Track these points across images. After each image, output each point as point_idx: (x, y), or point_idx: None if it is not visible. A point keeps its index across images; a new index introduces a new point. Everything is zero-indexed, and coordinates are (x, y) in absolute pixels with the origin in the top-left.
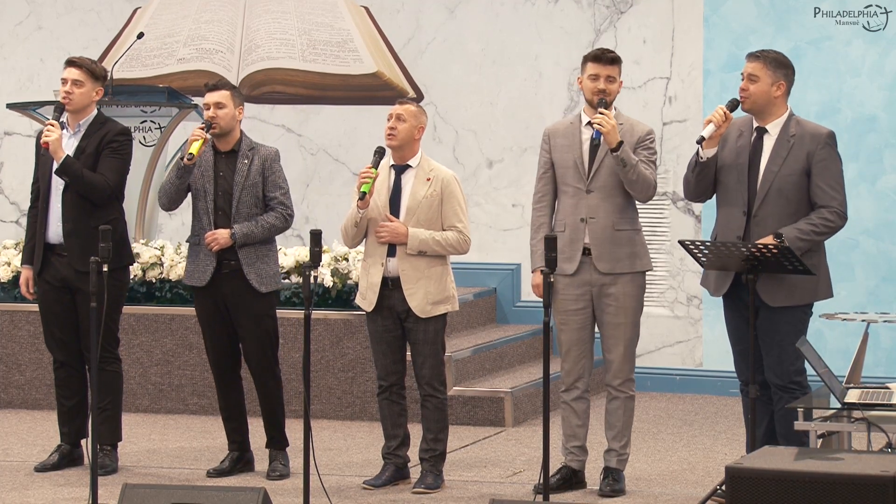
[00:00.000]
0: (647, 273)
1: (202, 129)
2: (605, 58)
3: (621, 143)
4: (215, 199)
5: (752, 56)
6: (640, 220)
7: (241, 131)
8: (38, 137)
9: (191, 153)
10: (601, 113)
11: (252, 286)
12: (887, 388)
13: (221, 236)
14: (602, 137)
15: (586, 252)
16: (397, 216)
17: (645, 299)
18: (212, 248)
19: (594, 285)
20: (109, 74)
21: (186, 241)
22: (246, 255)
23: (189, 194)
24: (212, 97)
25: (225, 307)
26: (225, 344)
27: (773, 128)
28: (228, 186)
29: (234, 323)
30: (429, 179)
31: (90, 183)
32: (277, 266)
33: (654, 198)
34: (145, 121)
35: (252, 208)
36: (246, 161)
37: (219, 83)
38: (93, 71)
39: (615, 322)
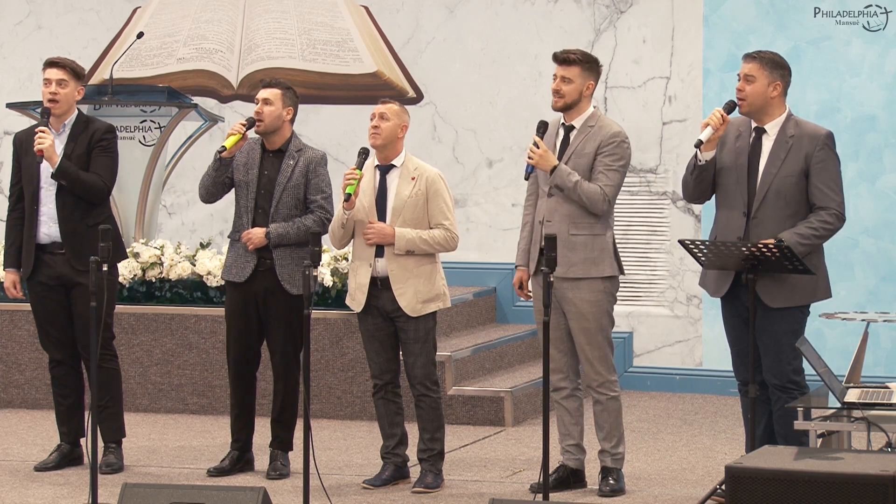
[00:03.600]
0: (615, 277)
1: (244, 124)
2: (559, 57)
3: (556, 167)
4: (256, 198)
5: (748, 57)
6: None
7: (293, 132)
8: (16, 138)
9: (223, 146)
10: (534, 143)
11: (284, 287)
12: (887, 387)
13: (256, 236)
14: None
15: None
16: (383, 216)
17: (645, 299)
18: (247, 248)
19: (555, 288)
20: (110, 74)
21: (228, 237)
22: (280, 255)
23: (232, 190)
24: (261, 94)
25: (255, 304)
26: (248, 341)
27: (772, 128)
28: (270, 185)
29: (262, 320)
30: (413, 178)
31: (88, 184)
32: None
33: (654, 198)
34: (145, 120)
35: (292, 209)
36: (291, 162)
37: (273, 81)
38: (75, 70)
39: (578, 327)
